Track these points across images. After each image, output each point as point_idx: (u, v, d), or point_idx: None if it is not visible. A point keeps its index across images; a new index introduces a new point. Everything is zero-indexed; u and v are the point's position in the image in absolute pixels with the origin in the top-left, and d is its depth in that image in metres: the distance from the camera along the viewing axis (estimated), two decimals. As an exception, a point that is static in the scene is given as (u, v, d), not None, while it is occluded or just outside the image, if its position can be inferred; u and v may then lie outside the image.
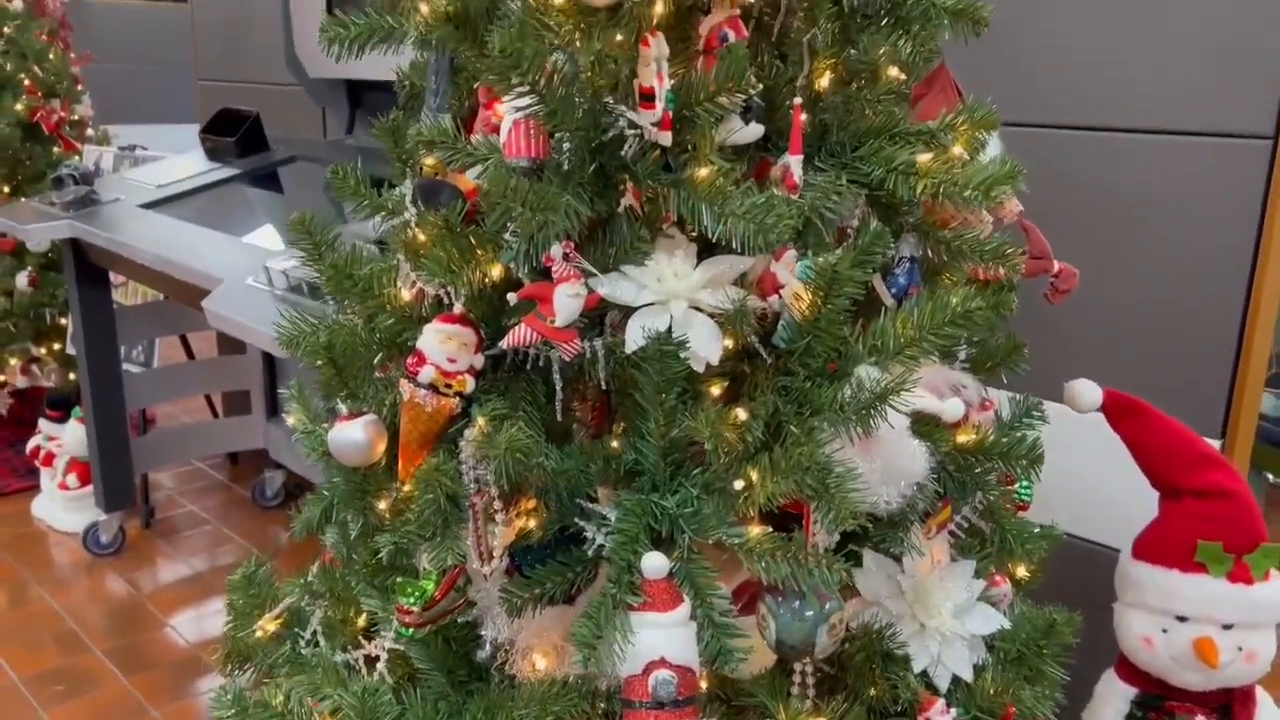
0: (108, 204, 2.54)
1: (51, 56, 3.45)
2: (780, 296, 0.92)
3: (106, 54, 5.00)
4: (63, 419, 2.99)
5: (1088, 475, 1.55)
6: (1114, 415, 1.30)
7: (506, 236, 0.90)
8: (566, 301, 0.85)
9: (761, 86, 0.93)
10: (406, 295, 0.95)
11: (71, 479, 2.92)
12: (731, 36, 0.90)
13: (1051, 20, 1.57)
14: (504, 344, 0.88)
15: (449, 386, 0.90)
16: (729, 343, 0.92)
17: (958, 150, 0.95)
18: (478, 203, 0.94)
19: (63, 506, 2.94)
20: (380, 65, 2.25)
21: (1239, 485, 1.27)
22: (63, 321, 3.33)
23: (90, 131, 3.79)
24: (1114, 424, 1.31)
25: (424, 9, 0.91)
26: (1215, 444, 1.53)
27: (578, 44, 0.86)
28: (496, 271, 0.89)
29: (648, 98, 0.86)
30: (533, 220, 0.80)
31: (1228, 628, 1.25)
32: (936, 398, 0.98)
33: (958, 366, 1.07)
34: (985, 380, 1.15)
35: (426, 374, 0.90)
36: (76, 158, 3.28)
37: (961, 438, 1.00)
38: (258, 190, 2.59)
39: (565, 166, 0.86)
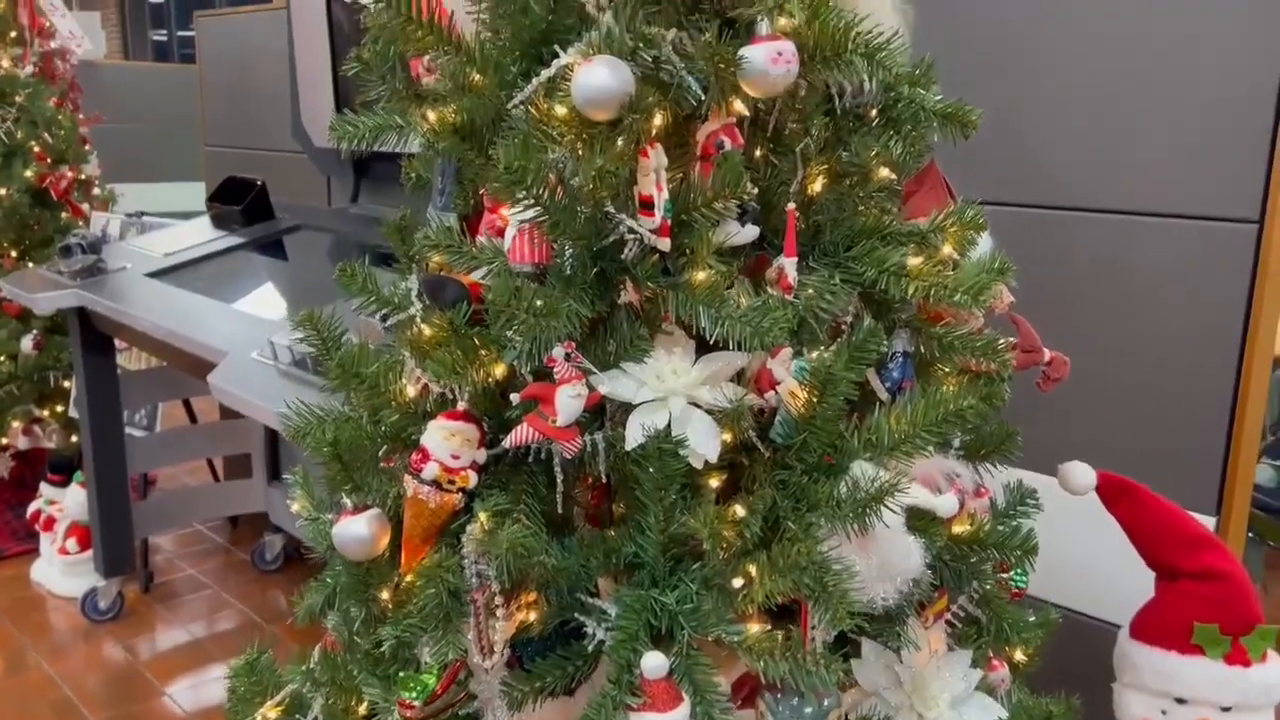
0: (114, 272, 2.58)
1: (60, 118, 3.52)
2: (777, 393, 0.94)
3: (115, 114, 5.09)
4: (64, 483, 3.00)
5: (1086, 550, 1.56)
6: (1108, 497, 1.32)
7: (510, 334, 0.92)
8: (568, 402, 0.87)
9: (757, 190, 0.97)
10: (411, 391, 0.97)
11: (71, 544, 2.92)
12: (728, 144, 0.93)
13: (1046, 103, 1.61)
14: (506, 443, 0.90)
15: (452, 483, 0.92)
16: (727, 436, 0.94)
17: (947, 250, 0.97)
18: (482, 297, 0.96)
19: (61, 571, 2.93)
20: (388, 138, 2.27)
21: (1234, 567, 1.28)
22: (66, 384, 3.36)
23: (97, 191, 3.85)
24: (1108, 506, 1.32)
25: (431, 117, 0.94)
26: (1210, 521, 1.54)
27: (579, 152, 0.89)
28: (500, 370, 0.91)
29: (647, 205, 0.89)
30: (537, 326, 0.83)
31: (1226, 710, 1.26)
32: (931, 489, 1.00)
33: (952, 455, 1.09)
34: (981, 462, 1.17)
35: (430, 471, 0.92)
36: (83, 225, 3.33)
37: (957, 528, 1.02)
38: (263, 259, 2.63)
39: (568, 271, 0.89)
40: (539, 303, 0.83)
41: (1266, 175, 1.41)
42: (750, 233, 0.97)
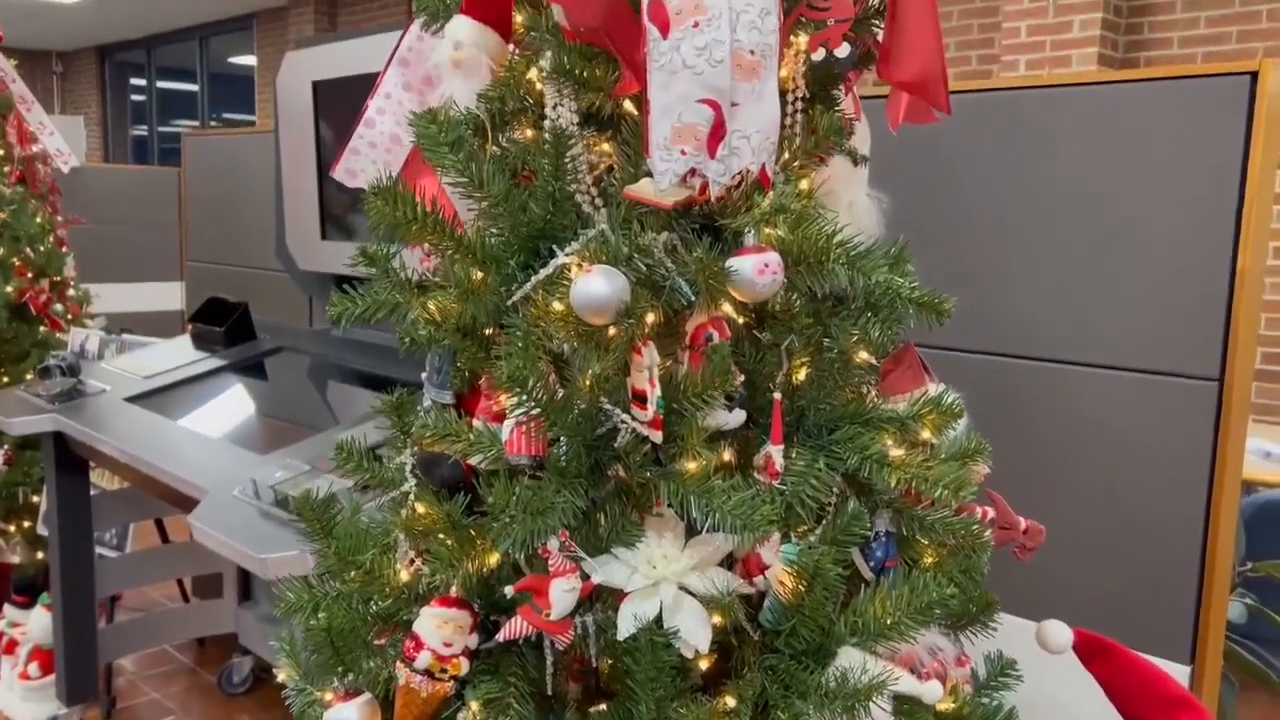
0: (93, 396, 2.58)
1: (40, 221, 3.55)
2: (765, 578, 0.97)
3: (93, 215, 5.13)
4: (29, 604, 2.94)
5: (1066, 698, 1.57)
6: (1085, 656, 1.34)
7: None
8: (562, 596, 0.89)
9: (743, 377, 1.00)
10: (405, 575, 0.98)
11: (33, 668, 2.84)
12: (716, 336, 0.98)
13: (1015, 259, 1.68)
14: (500, 637, 0.91)
15: (444, 671, 0.93)
16: (717, 620, 0.96)
17: (926, 435, 1.01)
18: (475, 472, 0.98)
19: (21, 696, 2.85)
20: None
21: (1210, 727, 1.30)
22: (35, 499, 3.31)
23: (72, 292, 3.87)
24: (1085, 664, 1.34)
25: (432, 308, 0.98)
26: (1184, 670, 1.57)
27: (575, 346, 0.93)
28: (494, 559, 0.93)
29: (640, 399, 0.92)
30: (533, 523, 0.85)
31: None
32: (914, 666, 1.02)
33: (933, 627, 1.11)
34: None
35: (423, 660, 0.92)
36: (62, 335, 3.33)
37: (941, 706, 1.03)
38: (245, 382, 2.64)
39: (563, 463, 0.91)
40: (535, 500, 0.85)
41: (1224, 337, 1.48)
42: (738, 417, 1.00)
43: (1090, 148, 1.59)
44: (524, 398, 0.85)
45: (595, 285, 0.87)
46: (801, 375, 1.01)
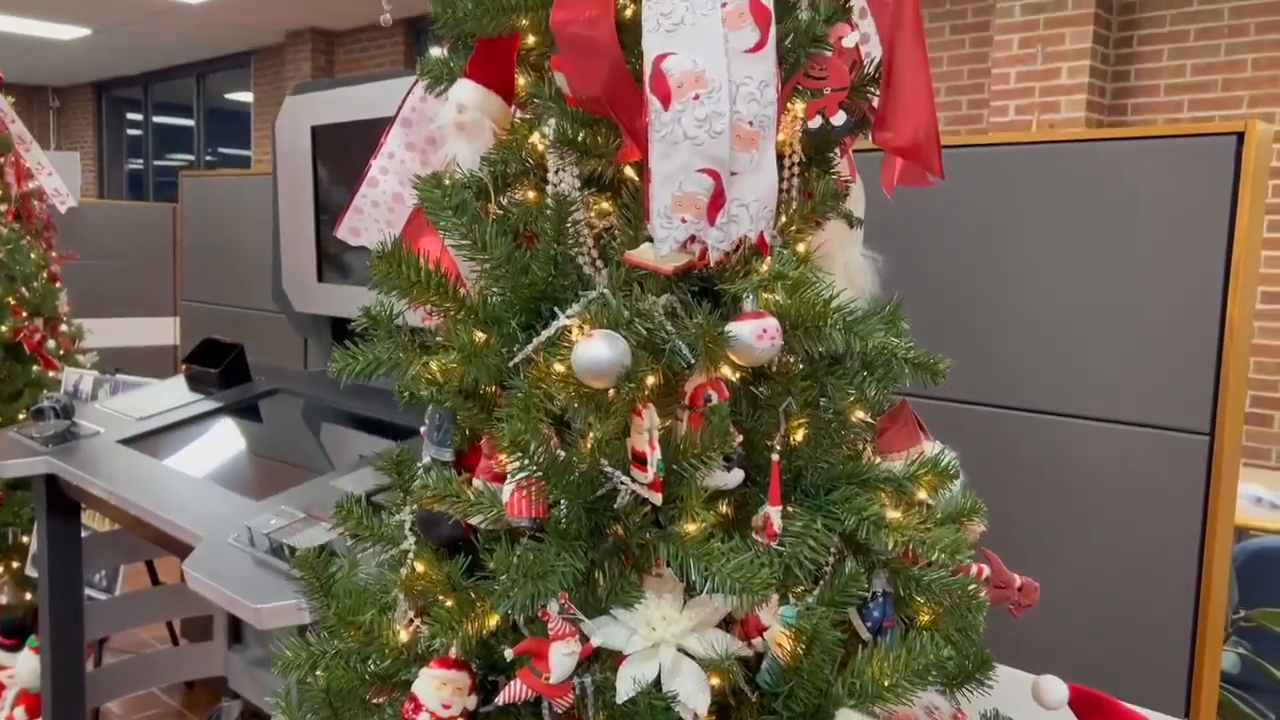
0: (87, 438, 2.57)
1: (34, 255, 3.56)
2: (764, 639, 0.97)
3: (87, 250, 5.14)
4: (16, 647, 2.91)
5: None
6: (1080, 712, 1.34)
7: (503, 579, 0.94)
8: (562, 660, 0.89)
9: (741, 437, 1.02)
10: (404, 636, 0.99)
11: (20, 712, 2.81)
12: (714, 398, 0.99)
13: (1010, 311, 1.70)
14: (499, 700, 0.91)
15: (443, 732, 0.93)
16: (715, 681, 0.96)
17: (922, 495, 1.02)
18: (475, 530, 0.99)
19: (6, 741, 2.82)
20: (365, 305, 2.33)
21: (1206, 784, 1.30)
22: (25, 539, 3.29)
23: (64, 327, 3.88)
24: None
25: (434, 368, 0.99)
26: (1180, 724, 1.57)
27: (576, 407, 0.94)
28: (494, 621, 0.93)
29: (640, 460, 0.93)
30: (533, 587, 0.86)
31: None
32: (913, 726, 1.02)
33: (929, 686, 1.11)
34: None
35: (422, 722, 0.92)
36: (57, 382, 3.32)
37: (938, 767, 1.03)
38: (239, 424, 2.64)
39: (563, 525, 0.92)
40: (536, 564, 0.86)
41: (1214, 393, 1.49)
42: (736, 477, 1.01)
43: (1081, 203, 1.62)
44: (525, 461, 0.86)
45: (597, 350, 0.88)
46: (799, 435, 1.02)
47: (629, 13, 0.98)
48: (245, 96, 10.39)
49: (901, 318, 1.16)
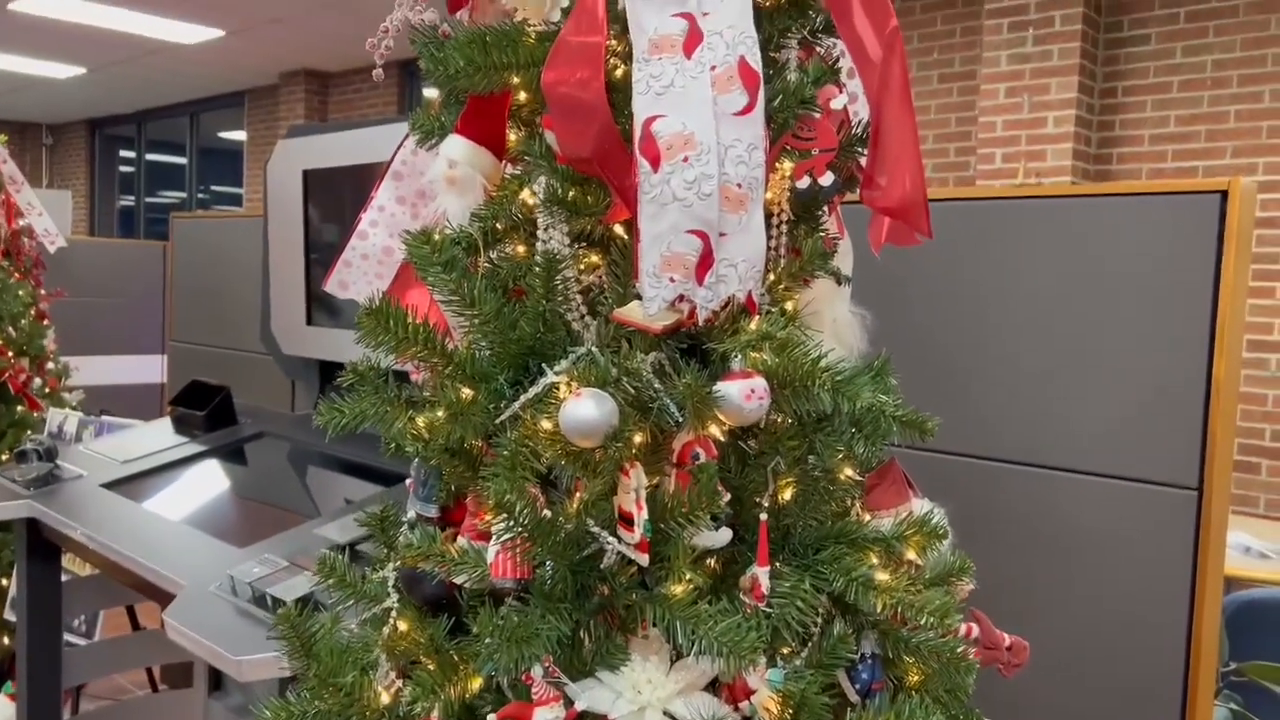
0: (70, 481, 2.54)
1: (21, 293, 3.55)
2: (751, 703, 0.96)
3: (76, 288, 5.13)
4: (-8, 694, 2.86)
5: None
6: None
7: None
8: (546, 725, 0.88)
9: (729, 496, 1.01)
10: (385, 698, 0.97)
11: (-7, 761, 2.76)
12: (702, 455, 0.98)
13: (997, 363, 1.71)
14: (483, 767, 0.89)
15: (425, 798, 0.91)
16: (702, 745, 0.95)
17: (911, 555, 1.02)
18: (458, 588, 0.98)
19: (-22, 791, 2.76)
20: (355, 350, 2.31)
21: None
22: (4, 582, 3.24)
23: (50, 365, 3.86)
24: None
25: (420, 424, 0.98)
26: (1172, 781, 1.55)
27: (563, 465, 0.94)
28: (477, 684, 0.92)
29: (627, 520, 0.93)
30: (518, 651, 0.85)
31: None
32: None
33: (920, 747, 1.10)
34: None
35: (403, 787, 0.91)
36: (41, 422, 3.30)
37: (928, 834, 1.01)
38: (224, 468, 2.61)
39: (547, 587, 0.91)
40: (521, 628, 0.85)
41: (1202, 449, 1.50)
42: (724, 536, 1.01)
43: (1068, 258, 1.63)
44: (510, 523, 0.85)
45: (584, 409, 0.88)
46: (787, 494, 1.01)
47: (619, 73, 0.99)
48: (238, 135, 10.44)
49: (889, 373, 1.17)
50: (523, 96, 1.11)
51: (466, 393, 0.97)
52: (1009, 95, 4.94)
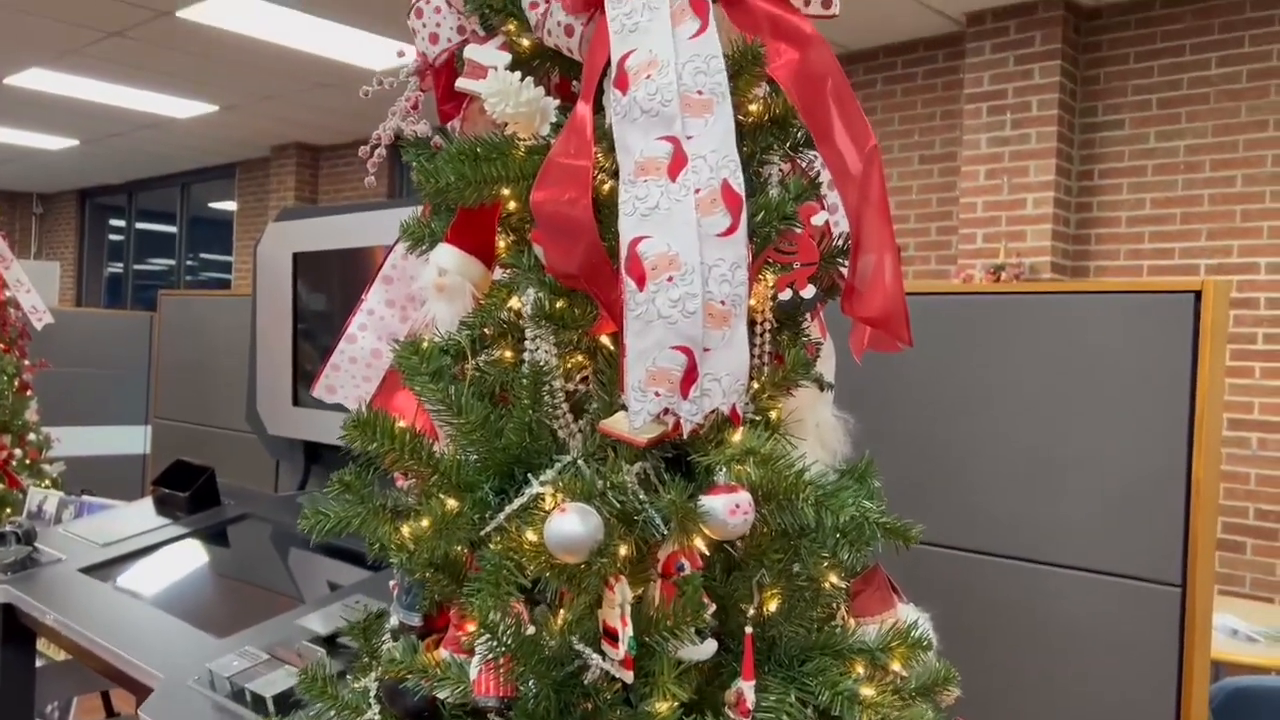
0: (48, 565, 2.51)
1: (4, 364, 3.54)
2: (735, 820, 0.95)
3: (60, 358, 5.12)
4: (-42, 784, 2.78)
5: None
6: None
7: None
8: (528, 847, 0.86)
9: (714, 606, 1.01)
10: (366, 815, 0.96)
11: None
12: (687, 567, 0.99)
13: (976, 454, 1.72)
14: None
15: None
16: None
17: (896, 667, 1.02)
18: (439, 704, 0.97)
19: None
20: (339, 431, 2.29)
21: None
22: (-24, 666, 3.17)
23: (31, 436, 3.83)
24: None
25: (405, 534, 0.98)
26: None
27: (547, 578, 0.94)
28: (460, 801, 0.91)
29: (611, 635, 0.93)
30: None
31: None
32: None
33: None
34: None
35: None
36: (21, 501, 3.27)
37: None
38: (206, 551, 2.59)
39: (530, 705, 0.91)
40: (504, 748, 0.84)
41: (1184, 547, 1.51)
42: (709, 648, 1.00)
43: (1046, 354, 1.65)
44: (494, 643, 0.85)
45: (570, 525, 0.88)
46: (773, 606, 1.01)
47: (606, 188, 1.02)
48: (229, 205, 10.53)
49: (873, 476, 1.18)
50: (512, 206, 1.14)
51: (452, 504, 0.97)
52: (989, 177, 5.05)
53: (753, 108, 1.10)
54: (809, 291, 1.05)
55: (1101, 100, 5.00)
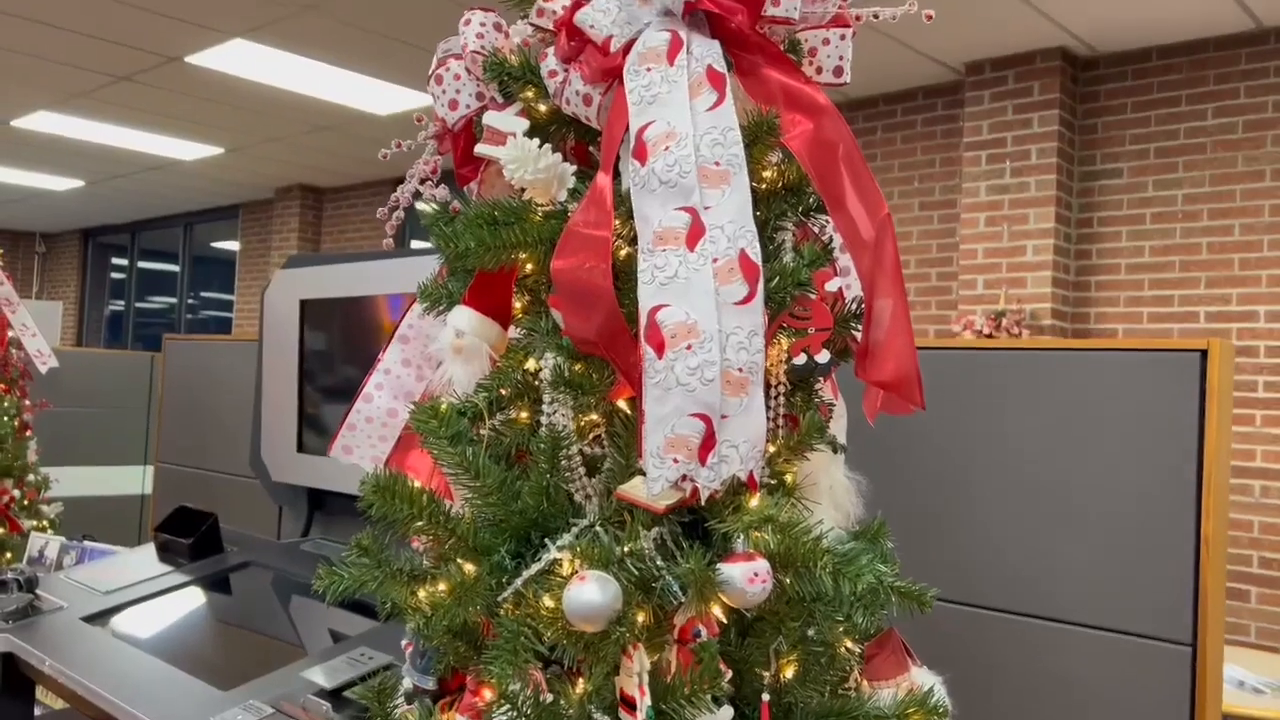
0: (49, 613, 2.50)
1: (6, 403, 3.55)
2: None
3: (61, 397, 5.12)
4: (-49, 836, 2.74)
5: None
6: None
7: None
8: None
9: (731, 673, 1.01)
10: None
11: None
12: (704, 633, 0.99)
13: (986, 511, 1.72)
14: None
15: None
16: None
17: (913, 732, 1.01)
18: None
19: None
20: (344, 478, 2.31)
21: None
22: (-29, 714, 3.14)
23: (31, 477, 3.83)
24: None
25: (421, 597, 0.99)
26: None
27: (564, 644, 0.94)
28: None
29: (629, 704, 0.92)
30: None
31: None
32: None
33: None
34: None
35: None
36: (21, 546, 3.26)
37: None
38: (209, 600, 2.57)
39: (548, 773, 0.90)
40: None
41: (1194, 606, 1.50)
42: (725, 715, 1.00)
43: (1055, 411, 1.66)
44: (513, 712, 0.85)
45: (589, 594, 0.89)
46: (789, 673, 1.01)
47: (623, 254, 1.03)
48: (232, 245, 10.59)
49: (886, 536, 1.18)
50: (529, 268, 1.15)
51: (469, 569, 0.97)
52: (989, 224, 5.09)
53: (767, 174, 1.12)
54: (823, 356, 1.06)
55: (1100, 149, 5.05)
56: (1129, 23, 4.63)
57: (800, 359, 1.07)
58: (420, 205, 1.18)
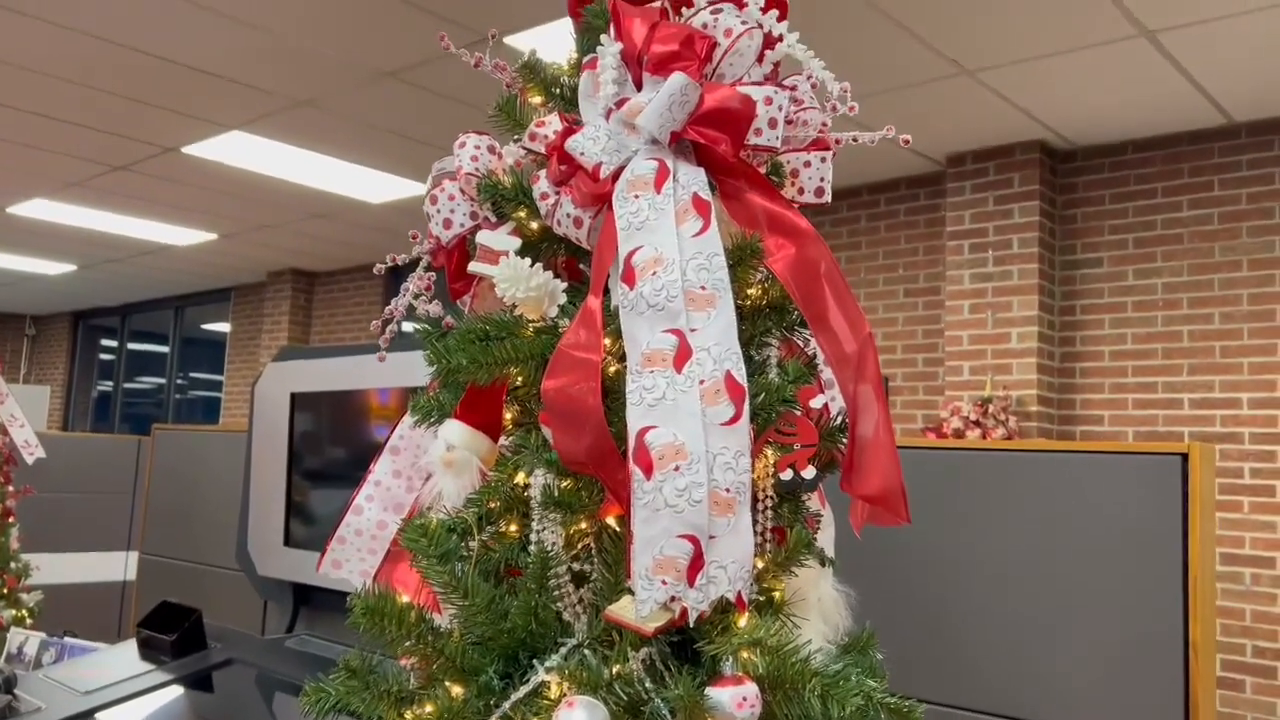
0: (27, 715, 2.44)
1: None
2: None
3: (45, 483, 5.07)
4: None
5: None
6: None
7: None
8: None
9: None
10: None
11: None
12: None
13: (973, 611, 1.72)
14: None
15: None
16: None
17: None
18: None
19: None
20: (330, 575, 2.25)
21: None
22: (-61, 820, 3.05)
23: (12, 564, 3.77)
24: None
25: (408, 718, 0.98)
26: None
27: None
28: None
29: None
30: None
31: None
32: None
33: None
34: None
35: None
36: (1, 642, 3.20)
37: None
38: (190, 700, 2.53)
39: None
40: None
41: (1185, 710, 1.50)
42: (714, 838, 0.99)
43: (1037, 513, 1.67)
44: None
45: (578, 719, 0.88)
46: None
47: (613, 370, 1.06)
48: (222, 327, 10.62)
49: (874, 649, 1.18)
50: (519, 381, 1.17)
51: (457, 690, 0.97)
52: (973, 311, 5.17)
53: (751, 292, 1.15)
54: (809, 472, 1.08)
55: (1080, 239, 5.16)
56: (1105, 118, 4.77)
57: (787, 474, 1.08)
58: (412, 326, 1.20)
